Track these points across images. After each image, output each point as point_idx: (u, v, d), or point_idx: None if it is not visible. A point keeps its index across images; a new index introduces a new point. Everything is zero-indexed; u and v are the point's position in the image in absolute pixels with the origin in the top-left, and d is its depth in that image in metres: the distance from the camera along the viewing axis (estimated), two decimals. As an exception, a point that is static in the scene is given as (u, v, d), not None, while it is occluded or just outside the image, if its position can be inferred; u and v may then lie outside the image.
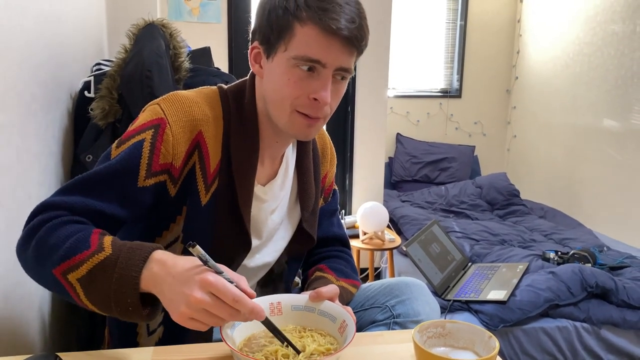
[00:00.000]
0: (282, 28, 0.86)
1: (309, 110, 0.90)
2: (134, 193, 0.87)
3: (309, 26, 0.84)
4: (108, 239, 0.79)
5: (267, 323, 0.79)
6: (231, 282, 0.73)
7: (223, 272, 0.73)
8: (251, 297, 0.73)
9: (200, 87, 0.99)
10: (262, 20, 0.89)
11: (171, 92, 0.94)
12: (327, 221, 1.19)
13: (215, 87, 1.00)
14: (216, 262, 0.74)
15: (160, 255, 0.76)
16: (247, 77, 1.00)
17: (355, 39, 0.86)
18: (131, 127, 0.91)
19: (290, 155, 1.07)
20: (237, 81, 1.02)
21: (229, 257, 0.97)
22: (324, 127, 1.23)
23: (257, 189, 0.99)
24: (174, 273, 0.73)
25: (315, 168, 1.10)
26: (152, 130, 0.88)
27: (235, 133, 0.95)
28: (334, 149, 1.20)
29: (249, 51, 0.95)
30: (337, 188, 1.22)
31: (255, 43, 0.93)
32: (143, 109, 0.94)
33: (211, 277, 0.70)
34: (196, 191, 0.93)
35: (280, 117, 0.92)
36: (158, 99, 0.93)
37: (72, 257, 0.76)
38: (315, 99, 0.88)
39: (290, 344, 0.79)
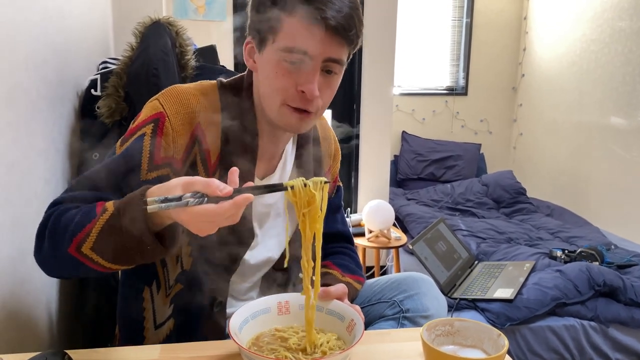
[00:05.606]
0: (270, 20, 0.87)
1: (299, 103, 0.89)
2: (138, 187, 0.86)
3: (295, 16, 0.84)
4: (110, 202, 0.79)
5: (254, 189, 0.74)
6: (202, 201, 0.69)
7: (189, 201, 0.69)
8: (228, 194, 0.70)
9: (200, 81, 1.00)
10: (253, 13, 0.91)
11: (170, 87, 0.95)
12: (330, 217, 1.17)
13: (214, 81, 1.01)
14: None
15: (153, 190, 0.74)
16: (246, 71, 1.00)
17: (342, 28, 0.84)
18: (133, 125, 0.93)
19: (289, 152, 1.06)
20: (236, 75, 1.02)
21: (233, 250, 0.97)
22: (329, 123, 1.22)
23: (255, 181, 0.99)
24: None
25: (315, 165, 1.09)
26: (152, 124, 0.90)
27: (234, 125, 0.95)
28: (338, 144, 1.19)
29: (244, 46, 0.96)
30: (341, 184, 1.21)
31: (249, 38, 0.94)
32: (145, 106, 0.95)
33: (189, 217, 0.70)
34: None
35: (270, 110, 0.93)
36: (157, 95, 0.94)
37: (82, 229, 0.77)
38: (302, 92, 0.88)
39: (281, 188, 0.79)
